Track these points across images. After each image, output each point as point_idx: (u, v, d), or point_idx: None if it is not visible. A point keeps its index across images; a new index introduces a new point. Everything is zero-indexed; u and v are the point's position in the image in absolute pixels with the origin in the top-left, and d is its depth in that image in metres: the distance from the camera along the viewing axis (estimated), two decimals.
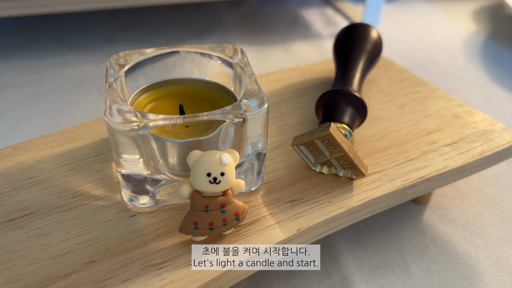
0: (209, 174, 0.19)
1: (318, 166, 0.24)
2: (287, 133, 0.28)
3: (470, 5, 0.69)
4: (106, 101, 0.20)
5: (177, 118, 0.19)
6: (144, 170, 0.21)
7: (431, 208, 0.31)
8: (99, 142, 0.26)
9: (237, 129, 0.20)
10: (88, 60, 0.50)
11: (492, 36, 0.59)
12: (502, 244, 0.29)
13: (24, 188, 0.23)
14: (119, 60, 0.23)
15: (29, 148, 0.25)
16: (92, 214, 0.22)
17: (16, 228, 0.21)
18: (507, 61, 0.53)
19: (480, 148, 0.27)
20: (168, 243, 0.20)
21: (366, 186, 0.24)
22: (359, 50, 0.30)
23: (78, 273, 0.19)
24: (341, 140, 0.22)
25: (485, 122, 0.29)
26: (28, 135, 0.38)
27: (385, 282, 0.26)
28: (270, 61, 0.51)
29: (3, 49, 0.51)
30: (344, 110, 0.25)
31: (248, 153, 0.22)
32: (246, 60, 0.24)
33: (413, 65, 0.51)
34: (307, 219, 0.22)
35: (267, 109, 0.20)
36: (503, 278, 0.27)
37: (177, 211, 0.22)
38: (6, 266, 0.19)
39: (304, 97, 0.31)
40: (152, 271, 0.19)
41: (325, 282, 0.26)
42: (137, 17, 0.60)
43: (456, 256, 0.28)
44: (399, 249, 0.28)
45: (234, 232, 0.21)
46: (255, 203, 0.23)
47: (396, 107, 0.30)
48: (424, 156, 0.26)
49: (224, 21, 0.60)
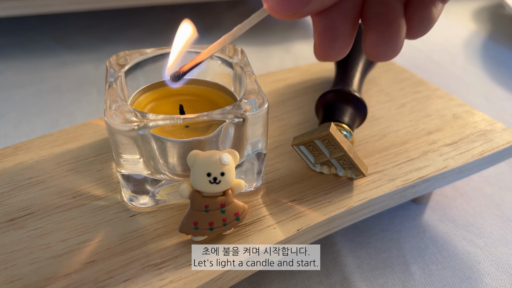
0: (209, 174, 0.19)
1: (318, 166, 0.24)
2: (287, 133, 0.28)
3: (470, 5, 0.69)
4: (106, 101, 0.20)
5: (177, 118, 0.19)
6: (144, 170, 0.21)
7: (431, 208, 0.31)
8: (99, 142, 0.26)
9: (237, 129, 0.20)
10: (88, 60, 0.50)
11: (492, 36, 0.59)
12: (502, 244, 0.29)
13: (24, 188, 0.23)
14: (119, 60, 0.23)
15: (29, 148, 0.25)
16: (92, 214, 0.22)
17: (16, 228, 0.21)
18: (507, 61, 0.53)
19: (480, 148, 0.27)
20: (168, 243, 0.20)
21: (366, 186, 0.24)
22: (359, 50, 0.30)
23: (78, 273, 0.19)
24: (341, 140, 0.22)
25: (485, 122, 0.29)
26: (28, 135, 0.38)
27: (385, 282, 0.26)
28: (270, 61, 0.51)
29: (3, 49, 0.51)
30: (344, 110, 0.25)
31: (248, 153, 0.22)
32: (246, 60, 0.24)
33: (413, 65, 0.51)
34: (307, 219, 0.22)
35: (267, 109, 0.20)
36: (503, 278, 0.27)
37: (177, 211, 0.22)
38: (6, 266, 0.19)
39: (304, 97, 0.31)
40: (152, 271, 0.19)
41: (325, 282, 0.26)
42: (137, 17, 0.60)
43: (456, 256, 0.28)
44: (399, 249, 0.28)
45: (234, 232, 0.21)
46: (255, 203, 0.23)
47: (396, 107, 0.30)
48: (424, 156, 0.26)
49: (224, 21, 0.60)
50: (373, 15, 0.16)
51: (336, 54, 0.17)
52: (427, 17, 0.17)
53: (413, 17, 0.17)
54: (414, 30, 0.17)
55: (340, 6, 0.16)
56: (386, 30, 0.16)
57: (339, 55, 0.17)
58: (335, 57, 0.17)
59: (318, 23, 0.17)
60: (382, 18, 0.16)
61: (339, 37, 0.17)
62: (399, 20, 0.16)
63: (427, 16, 0.17)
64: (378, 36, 0.16)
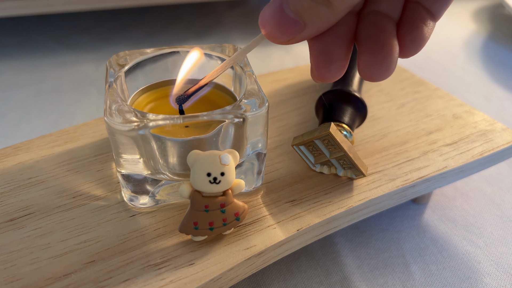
0: (209, 174, 0.19)
1: (318, 166, 0.24)
2: (287, 133, 0.28)
3: (470, 5, 0.69)
4: (106, 101, 0.20)
5: (177, 118, 0.19)
6: (144, 170, 0.21)
7: (431, 208, 0.31)
8: (99, 142, 0.26)
9: (237, 129, 0.20)
10: (88, 60, 0.50)
11: (492, 36, 0.59)
12: (502, 244, 0.29)
13: (24, 188, 0.23)
14: (119, 60, 0.23)
15: (29, 148, 0.25)
16: (92, 214, 0.22)
17: (16, 228, 0.21)
18: (507, 61, 0.53)
19: (480, 148, 0.27)
20: (168, 243, 0.20)
21: (366, 186, 0.24)
22: None
23: (78, 273, 0.19)
24: (341, 140, 0.22)
25: (485, 122, 0.29)
26: (28, 135, 0.38)
27: (385, 282, 0.26)
28: (270, 61, 0.51)
29: (3, 49, 0.51)
30: (344, 110, 0.25)
31: (248, 153, 0.22)
32: (246, 60, 0.24)
33: (413, 65, 0.51)
34: (307, 219, 0.22)
35: (267, 109, 0.20)
36: (503, 278, 0.27)
37: (177, 211, 0.22)
38: (6, 266, 0.19)
39: (304, 97, 0.31)
40: (152, 271, 0.19)
41: (325, 282, 0.26)
42: (137, 17, 0.60)
43: (456, 256, 0.28)
44: (399, 249, 0.28)
45: (234, 232, 0.21)
46: (255, 203, 0.23)
47: (396, 107, 0.30)
48: (424, 156, 0.26)
49: (224, 21, 0.60)
50: (366, 37, 0.17)
51: (332, 76, 0.17)
52: (419, 36, 0.17)
53: (405, 38, 0.17)
54: (407, 50, 0.17)
55: (334, 30, 0.17)
56: (379, 52, 0.16)
57: (335, 76, 0.18)
58: (331, 79, 0.18)
59: (314, 47, 0.17)
60: (375, 40, 0.17)
61: (335, 60, 0.17)
62: (392, 41, 0.17)
63: (419, 36, 0.17)
64: (372, 58, 0.17)
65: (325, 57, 0.17)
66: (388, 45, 0.17)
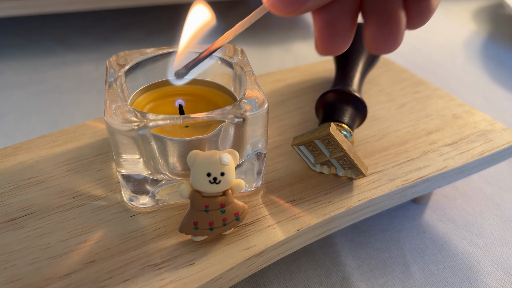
0: (209, 174, 0.19)
1: (318, 166, 0.24)
2: (287, 133, 0.28)
3: (470, 5, 0.69)
4: (106, 101, 0.20)
5: (177, 118, 0.19)
6: (144, 170, 0.21)
7: (431, 208, 0.31)
8: (99, 142, 0.26)
9: (237, 129, 0.20)
10: (88, 60, 0.50)
11: (492, 36, 0.59)
12: (502, 244, 0.29)
13: (24, 188, 0.23)
14: (119, 60, 0.23)
15: (29, 148, 0.25)
16: (92, 214, 0.22)
17: (16, 228, 0.21)
18: (507, 61, 0.53)
19: (480, 148, 0.27)
20: (168, 243, 0.20)
21: (366, 186, 0.24)
22: (359, 50, 0.30)
23: (78, 273, 0.19)
24: (341, 140, 0.22)
25: (485, 122, 0.29)
26: (28, 135, 0.38)
27: (385, 282, 0.26)
28: (270, 61, 0.51)
29: (3, 49, 0.51)
30: (344, 110, 0.25)
31: (248, 153, 0.22)
32: (246, 60, 0.24)
33: (413, 65, 0.51)
34: (307, 219, 0.22)
35: (267, 109, 0.20)
36: (503, 278, 0.27)
37: (177, 211, 0.22)
38: (6, 266, 0.19)
39: (304, 97, 0.31)
40: (152, 271, 0.19)
41: (325, 282, 0.26)
42: (137, 17, 0.60)
43: (456, 256, 0.28)
44: (399, 249, 0.28)
45: (234, 232, 0.21)
46: (255, 203, 0.23)
47: (396, 107, 0.30)
48: (424, 156, 0.26)
49: (224, 21, 0.60)
50: (373, 8, 0.16)
51: (337, 48, 0.17)
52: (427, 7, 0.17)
53: (412, 9, 0.17)
54: (414, 21, 0.17)
55: (339, 1, 0.16)
56: (386, 23, 0.16)
57: (340, 49, 0.17)
58: (336, 52, 0.17)
59: (318, 18, 0.17)
60: (381, 11, 0.16)
61: (340, 32, 0.17)
62: (399, 12, 0.16)
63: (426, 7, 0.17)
64: (378, 30, 0.16)
65: (330, 29, 0.16)
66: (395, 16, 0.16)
